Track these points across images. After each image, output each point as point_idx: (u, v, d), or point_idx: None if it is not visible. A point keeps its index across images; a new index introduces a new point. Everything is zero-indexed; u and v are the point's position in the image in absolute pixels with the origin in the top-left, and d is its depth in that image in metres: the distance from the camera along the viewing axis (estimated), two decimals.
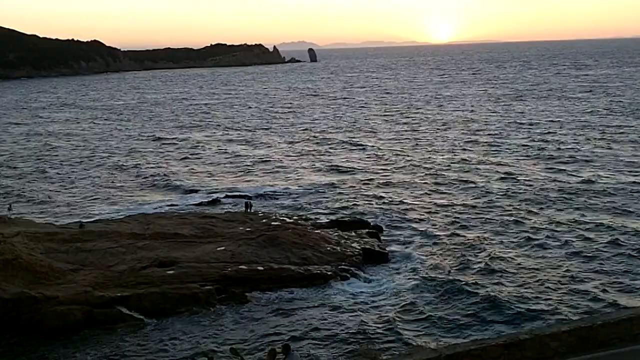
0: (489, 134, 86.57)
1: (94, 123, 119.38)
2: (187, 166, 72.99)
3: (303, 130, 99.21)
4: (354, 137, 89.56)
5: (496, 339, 18.41)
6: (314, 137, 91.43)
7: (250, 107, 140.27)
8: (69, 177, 68.91)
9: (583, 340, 17.82)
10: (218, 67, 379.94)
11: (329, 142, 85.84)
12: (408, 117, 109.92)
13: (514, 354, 17.20)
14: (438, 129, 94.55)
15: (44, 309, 30.91)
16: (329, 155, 76.27)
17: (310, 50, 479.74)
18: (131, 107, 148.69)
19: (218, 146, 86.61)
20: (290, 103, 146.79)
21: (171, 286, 33.61)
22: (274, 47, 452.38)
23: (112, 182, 65.93)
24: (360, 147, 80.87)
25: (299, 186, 60.54)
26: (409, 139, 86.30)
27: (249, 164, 73.09)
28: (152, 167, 72.81)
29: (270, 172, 67.80)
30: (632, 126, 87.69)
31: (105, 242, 39.52)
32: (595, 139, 78.97)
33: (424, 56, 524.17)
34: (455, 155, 72.83)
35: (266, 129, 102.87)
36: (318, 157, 75.93)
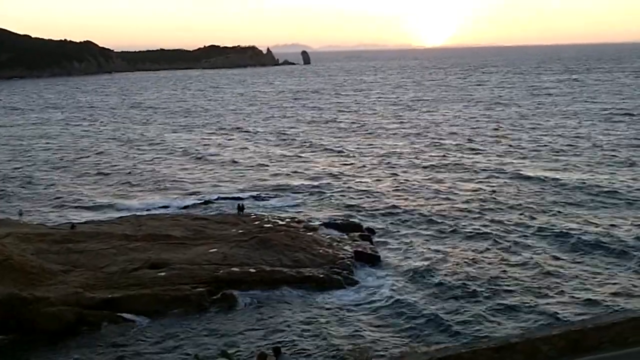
0: (482, 138, 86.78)
1: (81, 125, 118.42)
2: (178, 169, 72.76)
3: (294, 133, 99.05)
4: (347, 141, 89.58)
5: (487, 342, 18.43)
6: (307, 140, 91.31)
7: (238, 110, 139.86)
8: (59, 179, 68.54)
9: (574, 343, 17.83)
10: (211, 69, 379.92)
11: (322, 146, 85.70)
12: (398, 121, 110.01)
13: (505, 357, 17.20)
14: (429, 132, 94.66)
15: (34, 310, 30.75)
16: (321, 159, 76.23)
17: (304, 53, 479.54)
18: (118, 109, 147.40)
19: (209, 149, 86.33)
20: (278, 106, 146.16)
21: (163, 288, 33.51)
22: (268, 49, 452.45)
23: (103, 183, 65.67)
24: (353, 151, 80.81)
25: (291, 189, 60.47)
26: (402, 143, 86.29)
27: (241, 166, 72.90)
28: (142, 170, 72.47)
29: (262, 175, 67.63)
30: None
31: (97, 244, 39.39)
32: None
33: (416, 59, 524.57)
34: (448, 158, 72.91)
35: (257, 131, 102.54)
36: (310, 160, 75.87)
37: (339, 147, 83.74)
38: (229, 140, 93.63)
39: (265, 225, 44.24)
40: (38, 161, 79.59)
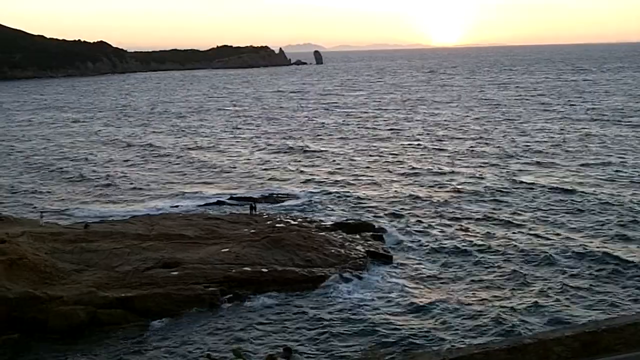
0: (490, 140, 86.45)
1: (85, 126, 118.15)
2: (191, 169, 72.85)
3: (304, 134, 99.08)
4: (357, 142, 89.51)
5: (499, 343, 18.36)
6: (316, 141, 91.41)
7: (251, 110, 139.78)
8: (73, 179, 68.86)
9: (587, 345, 17.73)
10: (224, 69, 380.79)
11: (331, 147, 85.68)
12: (407, 122, 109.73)
13: (517, 358, 17.14)
14: (437, 133, 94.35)
15: (47, 309, 30.97)
16: (332, 160, 76.13)
17: (316, 53, 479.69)
18: (128, 111, 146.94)
19: (222, 149, 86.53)
20: (287, 107, 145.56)
21: (175, 287, 33.64)
22: (280, 49, 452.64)
23: (117, 184, 65.91)
24: (367, 152, 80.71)
25: (303, 188, 60.54)
26: (411, 144, 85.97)
27: (252, 167, 72.99)
28: (149, 172, 72.50)
29: (274, 175, 67.71)
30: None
31: (110, 243, 39.59)
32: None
33: (427, 59, 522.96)
34: (461, 161, 72.72)
35: (266, 132, 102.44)
36: (320, 161, 75.84)
37: (349, 148, 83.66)
38: (239, 142, 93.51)
39: (278, 225, 44.30)
40: (41, 162, 79.81)
